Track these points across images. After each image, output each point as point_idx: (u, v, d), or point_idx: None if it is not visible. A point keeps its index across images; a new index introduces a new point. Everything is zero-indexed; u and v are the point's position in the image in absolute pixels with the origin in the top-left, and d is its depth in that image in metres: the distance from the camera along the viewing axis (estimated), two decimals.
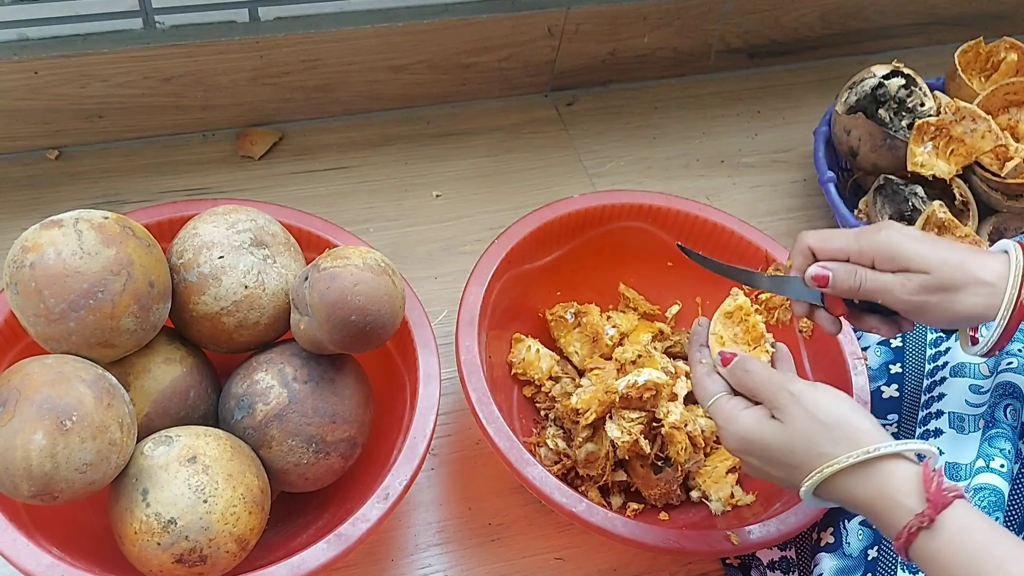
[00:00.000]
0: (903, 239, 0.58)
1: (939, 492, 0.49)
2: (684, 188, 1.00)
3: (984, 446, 0.62)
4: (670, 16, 1.04)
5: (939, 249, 0.58)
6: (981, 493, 0.59)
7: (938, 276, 0.57)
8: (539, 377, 0.77)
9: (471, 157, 1.00)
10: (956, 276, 0.57)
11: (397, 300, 0.61)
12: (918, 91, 0.92)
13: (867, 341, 0.78)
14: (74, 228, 0.57)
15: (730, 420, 0.57)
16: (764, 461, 0.56)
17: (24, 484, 0.52)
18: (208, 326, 0.63)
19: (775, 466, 0.56)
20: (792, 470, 0.55)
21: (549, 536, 0.74)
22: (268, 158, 0.97)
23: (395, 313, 0.61)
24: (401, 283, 0.63)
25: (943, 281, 0.57)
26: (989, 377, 0.67)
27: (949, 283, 0.57)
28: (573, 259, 0.81)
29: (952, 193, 0.89)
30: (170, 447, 0.58)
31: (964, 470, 0.62)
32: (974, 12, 1.20)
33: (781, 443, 0.54)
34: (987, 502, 0.59)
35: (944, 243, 0.59)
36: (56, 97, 0.88)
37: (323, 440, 0.62)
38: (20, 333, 0.63)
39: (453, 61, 0.99)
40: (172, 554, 0.56)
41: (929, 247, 0.58)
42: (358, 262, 0.60)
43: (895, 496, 0.50)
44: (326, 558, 0.57)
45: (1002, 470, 0.60)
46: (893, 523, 0.50)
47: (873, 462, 0.52)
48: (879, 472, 0.51)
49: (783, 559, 0.71)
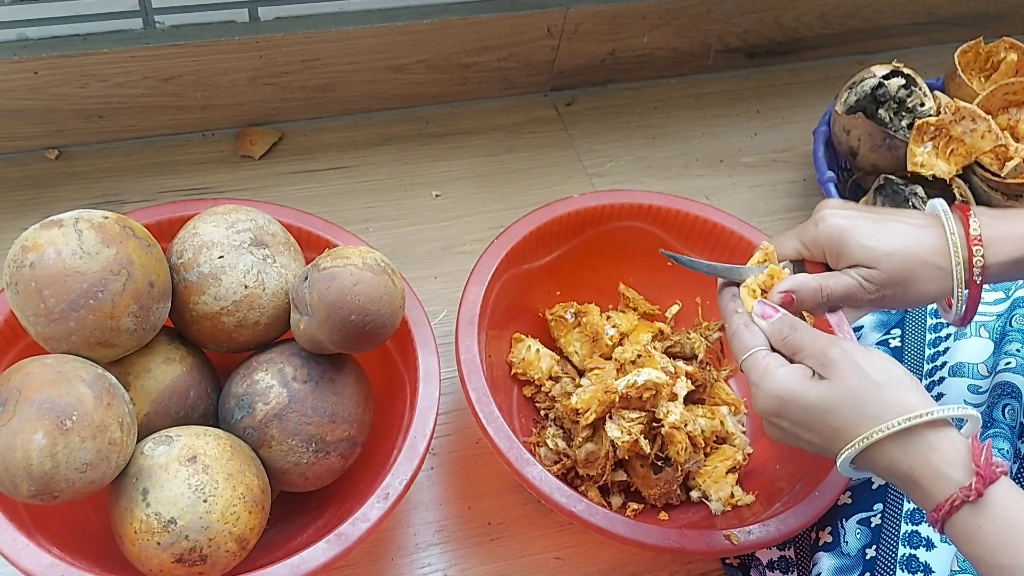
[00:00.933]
0: (843, 232, 0.57)
1: (988, 466, 0.47)
2: (684, 188, 1.00)
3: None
4: (669, 16, 1.04)
5: (881, 239, 0.57)
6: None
7: (888, 271, 0.56)
8: (539, 377, 0.77)
9: (471, 157, 1.00)
10: (905, 268, 0.56)
11: (397, 300, 0.61)
12: (918, 91, 0.92)
13: (866, 340, 0.78)
14: (74, 228, 0.57)
15: (766, 376, 0.54)
16: (798, 423, 0.53)
17: (24, 483, 0.52)
18: (208, 326, 0.63)
19: (811, 430, 0.53)
20: (831, 433, 0.52)
21: (548, 536, 0.74)
22: (268, 158, 0.97)
23: (395, 313, 0.61)
24: (401, 283, 0.63)
25: (894, 276, 0.56)
26: (987, 377, 0.67)
27: (900, 277, 0.56)
28: (573, 259, 0.81)
29: (952, 193, 0.89)
30: (170, 447, 0.58)
31: None
32: (973, 12, 1.20)
33: (824, 402, 0.51)
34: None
35: (885, 225, 0.57)
36: (56, 97, 0.88)
37: (323, 440, 0.62)
38: (20, 333, 0.63)
39: (452, 61, 0.99)
40: (172, 554, 0.56)
41: (871, 237, 0.57)
42: (358, 262, 0.60)
43: (940, 467, 0.48)
44: (326, 558, 0.57)
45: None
46: (934, 494, 0.49)
47: (920, 429, 0.49)
48: (924, 440, 0.49)
49: (782, 559, 0.71)
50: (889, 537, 0.63)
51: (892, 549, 0.62)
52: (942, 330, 0.73)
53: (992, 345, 0.68)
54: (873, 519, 0.65)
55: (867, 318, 0.80)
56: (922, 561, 0.60)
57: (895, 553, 0.62)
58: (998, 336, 0.68)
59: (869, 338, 0.78)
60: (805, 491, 0.67)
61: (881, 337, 0.77)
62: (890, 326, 0.78)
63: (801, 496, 0.67)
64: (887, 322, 0.79)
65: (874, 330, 0.79)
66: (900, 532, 0.63)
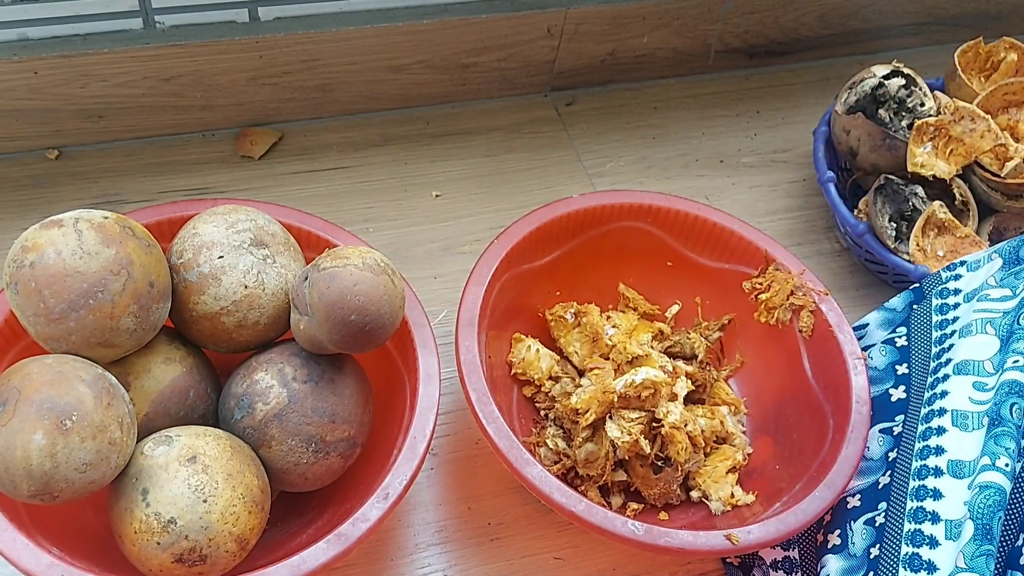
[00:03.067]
0: None
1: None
2: (684, 188, 1.00)
3: (990, 444, 0.61)
4: (669, 16, 1.04)
5: None
6: (987, 491, 0.59)
7: None
8: (539, 377, 0.77)
9: (471, 157, 1.00)
10: None
11: (397, 300, 0.61)
12: (918, 91, 0.92)
13: (871, 339, 0.78)
14: (74, 228, 0.57)
15: None
16: None
17: (24, 483, 0.52)
18: (208, 326, 0.63)
19: None
20: None
21: (548, 536, 0.74)
22: (268, 158, 0.97)
23: (395, 313, 0.61)
24: (401, 283, 0.63)
25: None
26: (994, 375, 0.67)
27: None
28: (573, 259, 0.81)
29: (952, 193, 0.89)
30: (170, 447, 0.58)
31: (968, 467, 0.62)
32: (973, 12, 1.20)
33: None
34: (992, 501, 0.58)
35: None
36: (56, 97, 0.88)
37: (323, 440, 0.62)
38: (20, 333, 0.63)
39: (453, 61, 0.99)
40: (172, 554, 0.56)
41: None
42: (358, 262, 0.60)
43: None
44: (326, 558, 0.57)
45: (1006, 469, 0.60)
46: None
47: None
48: None
49: (786, 559, 0.71)
50: (893, 535, 0.63)
51: (895, 547, 0.62)
52: (947, 327, 0.73)
53: (999, 342, 0.68)
54: (878, 518, 0.65)
55: (872, 316, 0.80)
56: (925, 559, 0.60)
57: (898, 551, 0.62)
58: (1005, 334, 0.68)
59: (875, 336, 0.78)
60: (805, 491, 0.67)
61: (887, 336, 0.77)
62: (896, 324, 0.78)
63: (801, 496, 0.67)
64: (892, 320, 0.79)
65: (879, 328, 0.79)
66: (903, 531, 0.63)
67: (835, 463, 0.67)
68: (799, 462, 0.72)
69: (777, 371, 0.79)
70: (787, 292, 0.77)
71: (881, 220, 0.87)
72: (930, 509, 0.62)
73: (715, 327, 0.82)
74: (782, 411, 0.77)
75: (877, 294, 0.93)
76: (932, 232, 0.87)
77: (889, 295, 0.85)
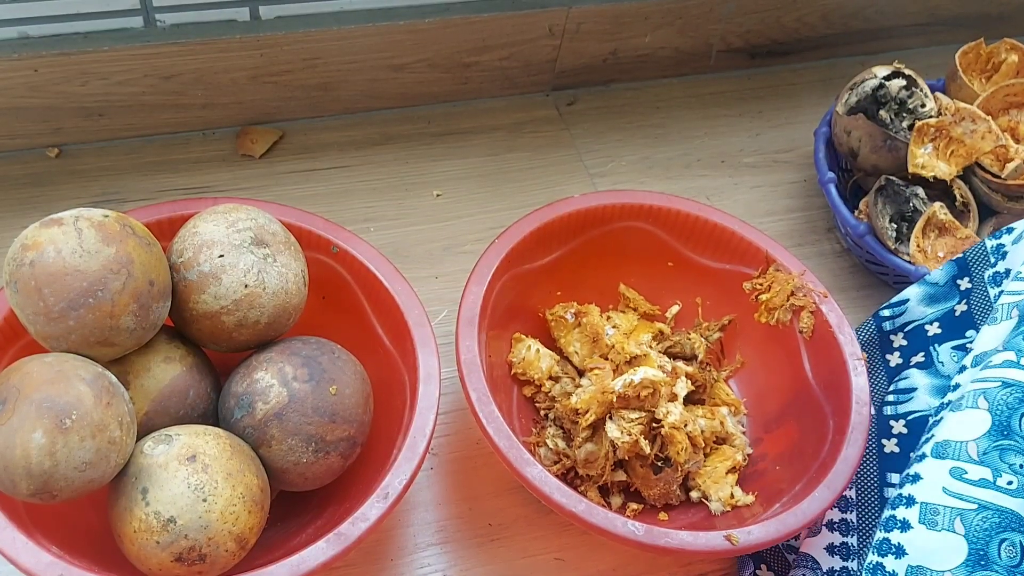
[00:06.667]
0: None
1: None
2: (685, 188, 1.00)
3: (993, 456, 0.57)
4: (671, 16, 1.04)
5: None
6: (984, 512, 0.55)
7: None
8: (539, 377, 0.77)
9: (472, 156, 1.00)
10: None
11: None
12: (919, 92, 0.92)
13: (911, 316, 0.76)
14: (74, 226, 0.57)
15: None
16: None
17: (23, 482, 0.52)
18: (208, 325, 0.63)
19: None
20: None
21: (549, 536, 0.74)
22: (268, 157, 0.97)
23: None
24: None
25: None
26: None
27: None
28: (573, 259, 0.81)
29: (953, 194, 0.89)
30: (170, 446, 0.58)
31: (951, 448, 0.60)
32: (974, 13, 1.20)
33: None
34: (989, 524, 0.55)
35: None
36: (56, 95, 0.88)
37: (323, 439, 0.62)
38: (19, 331, 0.63)
39: (454, 60, 0.99)
40: (171, 553, 0.56)
41: None
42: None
43: None
44: (325, 557, 0.57)
45: (1010, 487, 0.56)
46: None
47: None
48: None
49: (844, 544, 0.68)
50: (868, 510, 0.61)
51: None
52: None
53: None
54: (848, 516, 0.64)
55: (912, 290, 0.77)
56: (894, 543, 0.59)
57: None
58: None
59: (915, 312, 0.75)
60: (805, 492, 0.67)
61: (934, 312, 0.75)
62: (939, 300, 0.76)
63: (801, 497, 0.67)
64: (935, 296, 0.75)
65: (920, 303, 0.76)
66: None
67: (835, 464, 0.67)
68: (799, 463, 0.72)
69: (777, 372, 0.79)
70: (787, 293, 0.77)
71: (882, 221, 0.87)
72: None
73: (715, 327, 0.82)
74: (782, 412, 0.77)
75: (877, 295, 0.93)
76: (933, 233, 0.87)
77: (889, 296, 0.85)
